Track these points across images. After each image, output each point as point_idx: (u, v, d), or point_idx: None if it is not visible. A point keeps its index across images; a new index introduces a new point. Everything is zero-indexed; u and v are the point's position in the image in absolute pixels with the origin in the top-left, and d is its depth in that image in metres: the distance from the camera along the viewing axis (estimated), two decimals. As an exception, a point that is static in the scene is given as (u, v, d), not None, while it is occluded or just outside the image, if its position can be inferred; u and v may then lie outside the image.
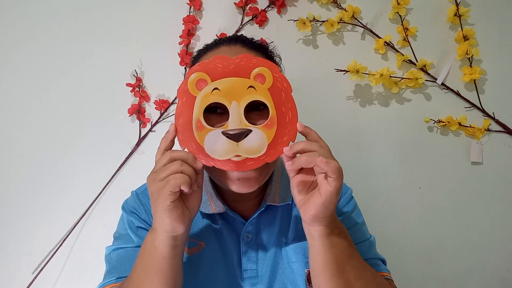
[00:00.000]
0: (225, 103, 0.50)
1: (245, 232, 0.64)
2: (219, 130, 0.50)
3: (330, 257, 0.51)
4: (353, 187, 0.96)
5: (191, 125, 0.50)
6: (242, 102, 0.51)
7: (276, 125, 0.51)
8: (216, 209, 0.63)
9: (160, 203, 0.47)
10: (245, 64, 0.51)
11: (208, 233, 0.64)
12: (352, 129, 0.96)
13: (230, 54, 0.58)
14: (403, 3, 0.90)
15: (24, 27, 1.00)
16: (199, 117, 0.50)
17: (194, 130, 0.50)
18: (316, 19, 0.93)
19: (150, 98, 0.99)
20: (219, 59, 0.51)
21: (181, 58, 0.96)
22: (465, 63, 0.91)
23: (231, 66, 0.51)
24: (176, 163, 0.47)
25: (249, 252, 0.63)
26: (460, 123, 0.91)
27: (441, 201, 0.95)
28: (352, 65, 0.91)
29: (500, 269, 0.93)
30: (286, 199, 0.66)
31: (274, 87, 0.52)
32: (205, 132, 0.50)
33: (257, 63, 0.51)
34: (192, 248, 0.62)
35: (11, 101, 1.01)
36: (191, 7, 0.96)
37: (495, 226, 0.93)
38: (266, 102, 0.51)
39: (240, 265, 0.63)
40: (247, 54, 0.52)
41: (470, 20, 0.91)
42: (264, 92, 0.51)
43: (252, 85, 0.51)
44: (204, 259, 0.62)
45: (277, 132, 0.51)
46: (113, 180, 0.99)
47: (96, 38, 0.99)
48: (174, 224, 0.48)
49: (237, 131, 0.50)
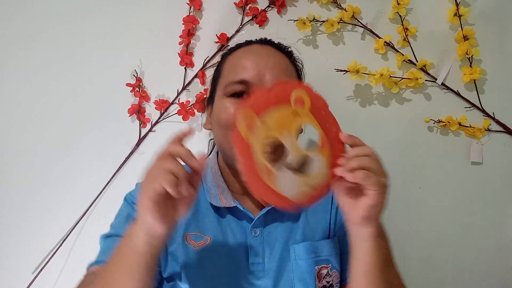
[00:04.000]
0: (278, 136, 0.50)
1: (253, 227, 0.65)
2: (284, 168, 0.49)
3: (378, 258, 0.52)
4: (353, 187, 0.96)
5: (257, 173, 0.48)
6: (292, 130, 0.51)
7: (328, 143, 0.52)
8: (226, 203, 0.64)
9: (144, 199, 0.45)
10: (283, 90, 0.51)
11: (214, 227, 0.64)
12: (352, 129, 0.96)
13: (262, 52, 0.65)
14: (403, 3, 0.90)
15: (24, 27, 1.00)
16: (263, 162, 0.48)
17: (264, 177, 0.48)
18: (316, 19, 0.93)
19: (150, 98, 0.99)
20: (257, 91, 0.52)
21: (181, 58, 0.96)
22: (465, 63, 0.91)
23: (271, 95, 0.51)
24: (169, 160, 0.46)
25: (256, 247, 0.64)
26: (460, 123, 0.91)
27: (441, 201, 0.95)
28: (352, 65, 0.91)
29: (500, 269, 0.93)
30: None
31: (314, 107, 0.52)
32: (273, 176, 0.49)
33: (293, 86, 0.52)
34: (199, 242, 0.63)
35: (11, 101, 1.01)
36: (191, 7, 0.96)
37: (495, 226, 0.93)
38: (312, 125, 0.52)
39: (247, 259, 0.63)
40: (281, 81, 0.55)
41: (470, 20, 0.91)
42: (308, 115, 0.52)
43: (295, 110, 0.51)
44: (210, 254, 0.62)
45: (332, 150, 0.52)
46: (113, 180, 0.99)
47: (96, 38, 0.99)
48: (155, 224, 0.46)
49: (300, 161, 0.50)
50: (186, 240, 0.63)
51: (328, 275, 0.66)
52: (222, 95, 0.64)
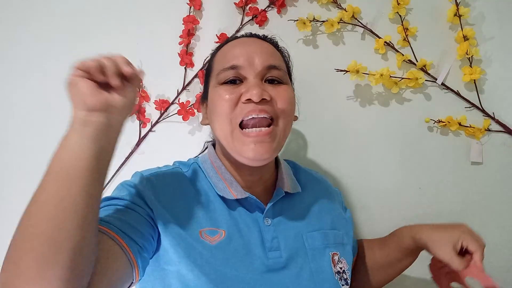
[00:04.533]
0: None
1: (265, 216, 0.66)
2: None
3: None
4: (353, 186, 0.96)
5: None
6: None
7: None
8: (238, 195, 0.65)
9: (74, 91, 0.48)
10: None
11: (227, 219, 0.64)
12: (352, 129, 0.96)
13: (249, 41, 0.69)
14: (403, 3, 0.90)
15: (23, 27, 1.00)
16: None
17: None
18: (316, 19, 0.93)
19: (150, 98, 0.99)
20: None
21: (181, 58, 0.96)
22: (465, 63, 0.91)
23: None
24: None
25: (270, 237, 0.65)
26: (460, 123, 0.91)
27: (441, 201, 0.95)
28: (352, 65, 0.91)
29: (500, 269, 0.93)
30: (296, 188, 0.73)
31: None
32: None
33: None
34: (214, 236, 0.62)
35: (11, 101, 1.01)
36: (191, 7, 0.96)
37: (495, 226, 0.93)
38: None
39: (264, 249, 0.63)
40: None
41: (470, 20, 0.91)
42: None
43: None
44: (227, 247, 0.61)
45: None
46: (113, 180, 0.99)
47: (96, 38, 0.99)
48: (88, 95, 0.46)
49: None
50: (201, 237, 0.61)
51: (339, 262, 0.68)
52: (216, 84, 0.66)
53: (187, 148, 0.97)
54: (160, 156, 0.98)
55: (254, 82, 0.63)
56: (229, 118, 0.63)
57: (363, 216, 0.96)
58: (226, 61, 0.66)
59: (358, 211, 0.96)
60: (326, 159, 0.97)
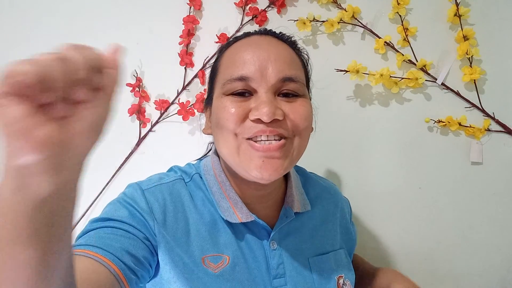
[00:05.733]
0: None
1: (271, 240, 0.62)
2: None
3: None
4: (352, 187, 0.96)
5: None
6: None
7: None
8: (243, 218, 0.59)
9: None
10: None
11: (231, 244, 0.59)
12: (352, 129, 0.96)
13: (262, 43, 0.59)
14: (403, 3, 0.90)
15: (23, 27, 1.00)
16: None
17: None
18: (316, 19, 0.93)
19: (150, 98, 0.99)
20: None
21: (181, 58, 0.96)
22: (465, 63, 0.91)
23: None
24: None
25: (276, 261, 0.61)
26: (460, 123, 0.91)
27: (441, 201, 0.95)
28: (352, 65, 0.91)
29: (500, 269, 0.93)
30: (306, 206, 0.67)
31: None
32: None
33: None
34: (217, 264, 0.57)
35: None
36: (191, 7, 0.96)
37: (495, 226, 0.93)
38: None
39: (269, 274, 0.60)
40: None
41: (470, 20, 0.91)
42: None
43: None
44: (231, 276, 0.57)
45: None
46: (113, 180, 0.99)
47: (96, 38, 0.99)
48: (27, 142, 0.25)
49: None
50: (204, 264, 0.57)
51: (344, 285, 0.65)
52: (221, 94, 0.58)
53: (187, 148, 0.97)
54: (160, 156, 0.98)
55: (266, 97, 0.54)
56: (234, 133, 0.55)
57: (362, 216, 0.96)
58: (234, 68, 0.57)
59: (358, 211, 0.96)
60: (325, 159, 0.97)
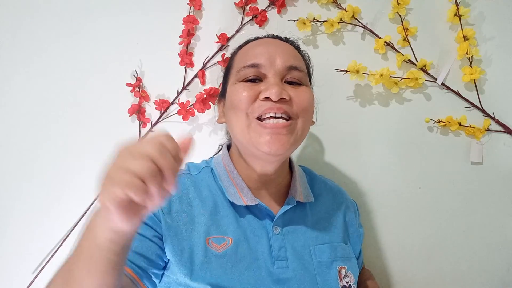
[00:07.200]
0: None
1: (274, 225, 0.65)
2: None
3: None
4: (352, 187, 0.96)
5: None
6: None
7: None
8: (248, 201, 0.64)
9: (105, 201, 0.38)
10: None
11: (235, 227, 0.64)
12: (352, 129, 0.96)
13: (271, 41, 0.70)
14: (403, 3, 0.90)
15: (23, 27, 1.00)
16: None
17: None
18: (316, 19, 0.93)
19: (150, 98, 0.99)
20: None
21: (181, 58, 0.96)
22: (465, 63, 0.91)
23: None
24: (139, 159, 0.37)
25: (278, 246, 0.64)
26: (460, 123, 0.91)
27: (441, 201, 0.94)
28: (352, 65, 0.91)
29: (500, 269, 0.93)
30: (309, 198, 0.71)
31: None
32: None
33: None
34: (221, 244, 0.61)
35: (11, 101, 1.01)
36: (191, 7, 0.96)
37: (495, 226, 0.93)
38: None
39: (271, 258, 0.63)
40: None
41: (470, 20, 0.91)
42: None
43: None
44: (233, 255, 0.61)
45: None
46: (113, 180, 0.99)
47: (96, 38, 0.99)
48: (119, 222, 0.39)
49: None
50: (208, 245, 0.61)
51: (346, 276, 0.67)
52: (235, 81, 0.66)
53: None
54: (160, 156, 0.98)
55: (274, 81, 0.63)
56: (246, 113, 0.63)
57: (362, 216, 0.96)
58: (247, 59, 0.66)
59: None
60: (325, 159, 0.97)
